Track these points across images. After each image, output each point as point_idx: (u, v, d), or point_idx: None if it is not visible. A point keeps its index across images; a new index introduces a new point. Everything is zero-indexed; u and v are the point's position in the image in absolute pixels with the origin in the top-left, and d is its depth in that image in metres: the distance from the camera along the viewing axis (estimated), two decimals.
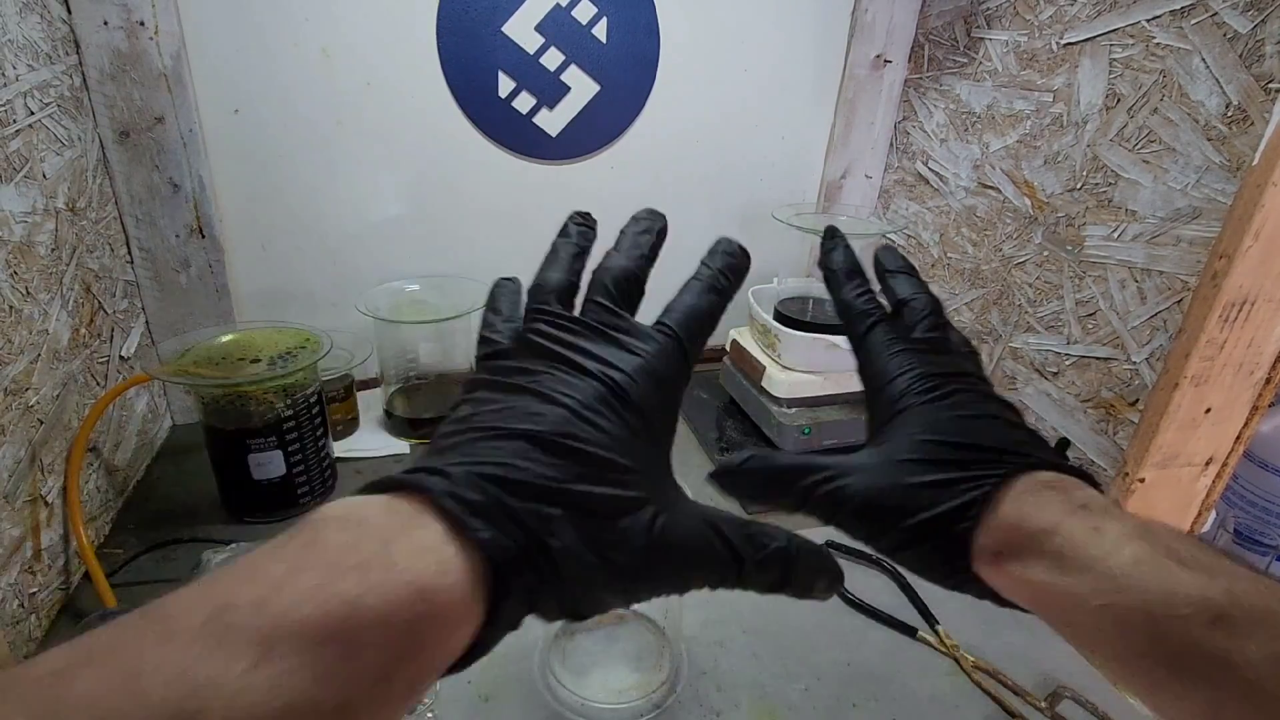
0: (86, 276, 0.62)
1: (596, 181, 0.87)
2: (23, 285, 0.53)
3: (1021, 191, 0.74)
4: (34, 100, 0.55)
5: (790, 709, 0.50)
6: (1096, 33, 0.64)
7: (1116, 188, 0.64)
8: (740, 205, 0.95)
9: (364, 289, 0.78)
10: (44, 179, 0.56)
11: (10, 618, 0.49)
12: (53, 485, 0.55)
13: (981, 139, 0.78)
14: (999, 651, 0.54)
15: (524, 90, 0.79)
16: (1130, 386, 0.65)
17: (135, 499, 0.68)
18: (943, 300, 0.86)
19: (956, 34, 0.81)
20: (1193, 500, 0.59)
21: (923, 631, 0.56)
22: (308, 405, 0.64)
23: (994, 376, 0.80)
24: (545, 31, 0.77)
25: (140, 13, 0.63)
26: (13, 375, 0.51)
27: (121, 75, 0.65)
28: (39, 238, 0.55)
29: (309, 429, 0.64)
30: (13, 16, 0.53)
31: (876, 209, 0.98)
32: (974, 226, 0.81)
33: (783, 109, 0.91)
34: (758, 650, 0.54)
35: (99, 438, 0.63)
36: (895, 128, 0.94)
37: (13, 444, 0.50)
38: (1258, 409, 0.55)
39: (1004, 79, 0.75)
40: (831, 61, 0.90)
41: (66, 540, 0.56)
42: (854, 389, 0.78)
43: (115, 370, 0.67)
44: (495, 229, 0.86)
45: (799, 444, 0.76)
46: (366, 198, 0.80)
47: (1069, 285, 0.70)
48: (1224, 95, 0.55)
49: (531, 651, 0.52)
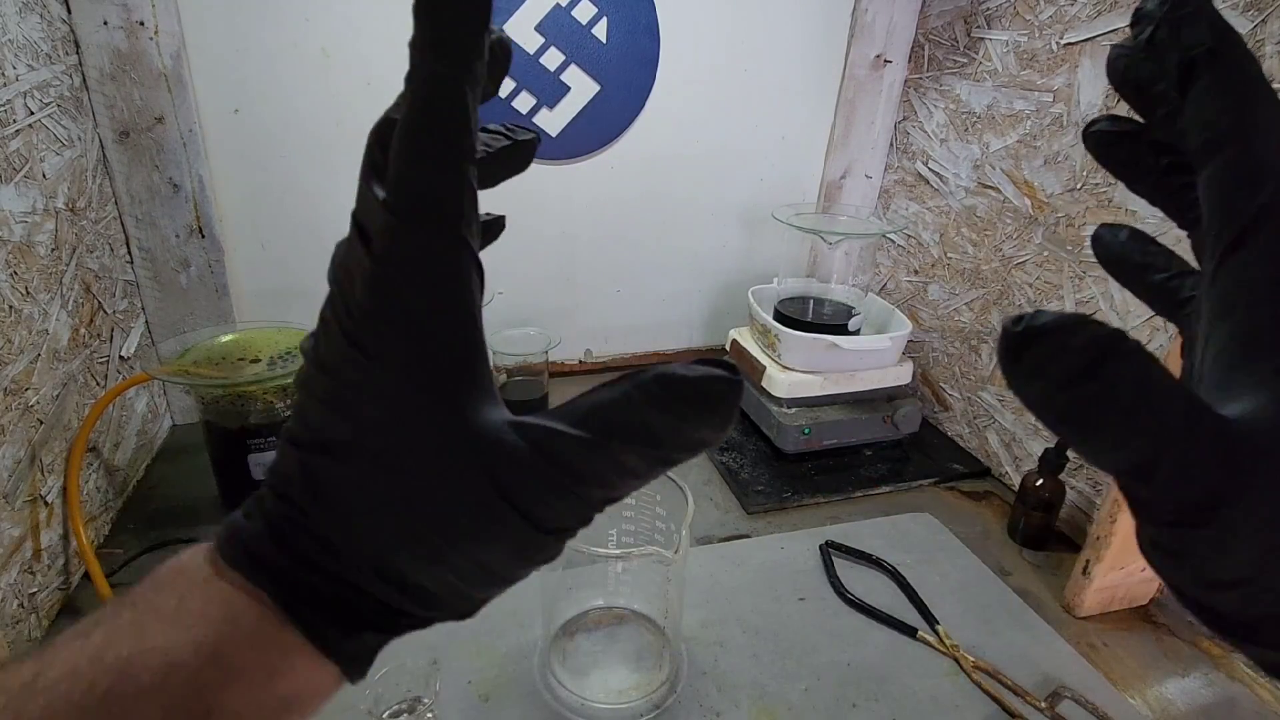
0: (86, 276, 0.62)
1: (596, 181, 0.87)
2: (23, 285, 0.53)
3: (1021, 191, 0.74)
4: (34, 100, 0.55)
5: (790, 709, 0.50)
6: (1096, 33, 0.64)
7: (1116, 188, 0.64)
8: (740, 205, 0.95)
9: None
10: (44, 179, 0.56)
11: (10, 618, 0.49)
12: (53, 485, 0.55)
13: (981, 139, 0.78)
14: (999, 651, 0.54)
15: (524, 90, 0.79)
16: None
17: (135, 499, 0.68)
18: (943, 300, 0.87)
19: (956, 34, 0.81)
20: None
21: (923, 631, 0.56)
22: None
23: (994, 377, 0.80)
24: (545, 31, 0.77)
25: (140, 13, 0.63)
26: (13, 375, 0.51)
27: (121, 75, 0.65)
28: (39, 238, 0.55)
29: None
30: (13, 16, 0.53)
31: (876, 209, 0.98)
32: (974, 226, 0.81)
33: (783, 109, 0.91)
34: (758, 650, 0.54)
35: (99, 438, 0.63)
36: (895, 128, 0.94)
37: (13, 444, 0.50)
38: None
39: (1004, 79, 0.75)
40: (831, 61, 0.90)
41: (66, 540, 0.56)
42: (854, 389, 0.78)
43: (115, 370, 0.67)
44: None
45: (799, 444, 0.76)
46: None
47: (1069, 285, 0.70)
48: None
49: (531, 651, 0.52)
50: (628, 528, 0.52)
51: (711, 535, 0.67)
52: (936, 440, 0.86)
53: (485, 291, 0.18)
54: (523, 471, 0.16)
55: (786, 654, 0.54)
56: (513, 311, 0.89)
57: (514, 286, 0.89)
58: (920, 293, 0.91)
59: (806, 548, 0.65)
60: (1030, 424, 0.75)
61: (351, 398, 0.17)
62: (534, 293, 0.91)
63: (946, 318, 0.86)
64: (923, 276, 0.90)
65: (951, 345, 0.86)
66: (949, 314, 0.86)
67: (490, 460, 0.16)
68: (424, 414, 0.17)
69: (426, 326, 0.17)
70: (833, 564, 0.63)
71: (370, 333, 0.17)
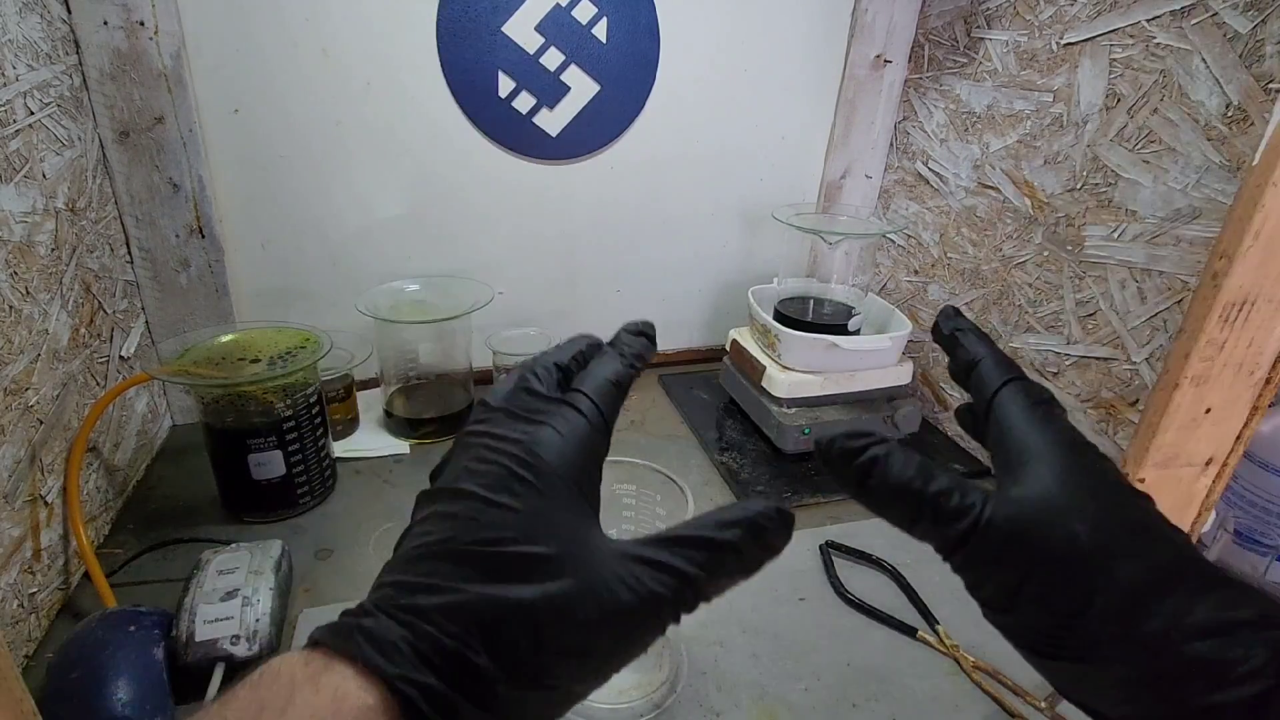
0: (86, 276, 0.62)
1: (596, 181, 0.87)
2: (23, 285, 0.53)
3: (1021, 191, 0.74)
4: (34, 100, 0.55)
5: (790, 709, 0.50)
6: (1096, 33, 0.64)
7: (1116, 188, 0.64)
8: (740, 205, 0.95)
9: (364, 289, 0.78)
10: (44, 179, 0.56)
11: (10, 618, 0.49)
12: (53, 485, 0.55)
13: (981, 139, 0.78)
14: (999, 651, 0.54)
15: (524, 90, 0.79)
16: (1130, 387, 0.65)
17: (135, 499, 0.68)
18: (943, 300, 0.87)
19: (956, 34, 0.81)
20: (1193, 500, 0.59)
21: (923, 631, 0.56)
22: (307, 405, 0.64)
23: None
24: (545, 31, 0.77)
25: (140, 13, 0.63)
26: (13, 375, 0.51)
27: (121, 75, 0.65)
28: (39, 238, 0.55)
29: (309, 429, 0.64)
30: (13, 16, 0.53)
31: (876, 209, 0.98)
32: (974, 226, 0.81)
33: (783, 109, 0.91)
34: (758, 650, 0.54)
35: (99, 438, 0.63)
36: (895, 128, 0.94)
37: (13, 444, 0.50)
38: (1258, 409, 0.55)
39: (1004, 79, 0.75)
40: (831, 61, 0.90)
41: (66, 540, 0.56)
42: (854, 389, 0.78)
43: (115, 370, 0.67)
44: (495, 229, 0.86)
45: (799, 444, 0.76)
46: (366, 198, 0.80)
47: (1069, 285, 0.70)
48: (1224, 95, 0.55)
49: None
50: (627, 528, 0.52)
51: None
52: (936, 440, 0.86)
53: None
54: (679, 608, 0.24)
55: (786, 654, 0.54)
56: (513, 311, 0.89)
57: (514, 286, 0.89)
58: (920, 293, 0.91)
59: (806, 548, 0.65)
60: None
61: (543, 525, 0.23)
62: (534, 293, 0.91)
63: None
64: (923, 276, 0.90)
65: None
66: None
67: (657, 600, 0.23)
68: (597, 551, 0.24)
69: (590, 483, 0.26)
70: (833, 564, 0.63)
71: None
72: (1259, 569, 0.65)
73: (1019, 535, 0.24)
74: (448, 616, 0.21)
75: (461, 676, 0.21)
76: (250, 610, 0.49)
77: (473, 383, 0.84)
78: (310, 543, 0.63)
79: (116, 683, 0.43)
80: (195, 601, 0.49)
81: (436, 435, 0.79)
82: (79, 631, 0.46)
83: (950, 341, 0.32)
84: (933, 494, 0.25)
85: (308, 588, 0.58)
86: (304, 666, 0.20)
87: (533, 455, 0.24)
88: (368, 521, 0.67)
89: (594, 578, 0.22)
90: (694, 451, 0.81)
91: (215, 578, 0.51)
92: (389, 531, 0.66)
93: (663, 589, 0.23)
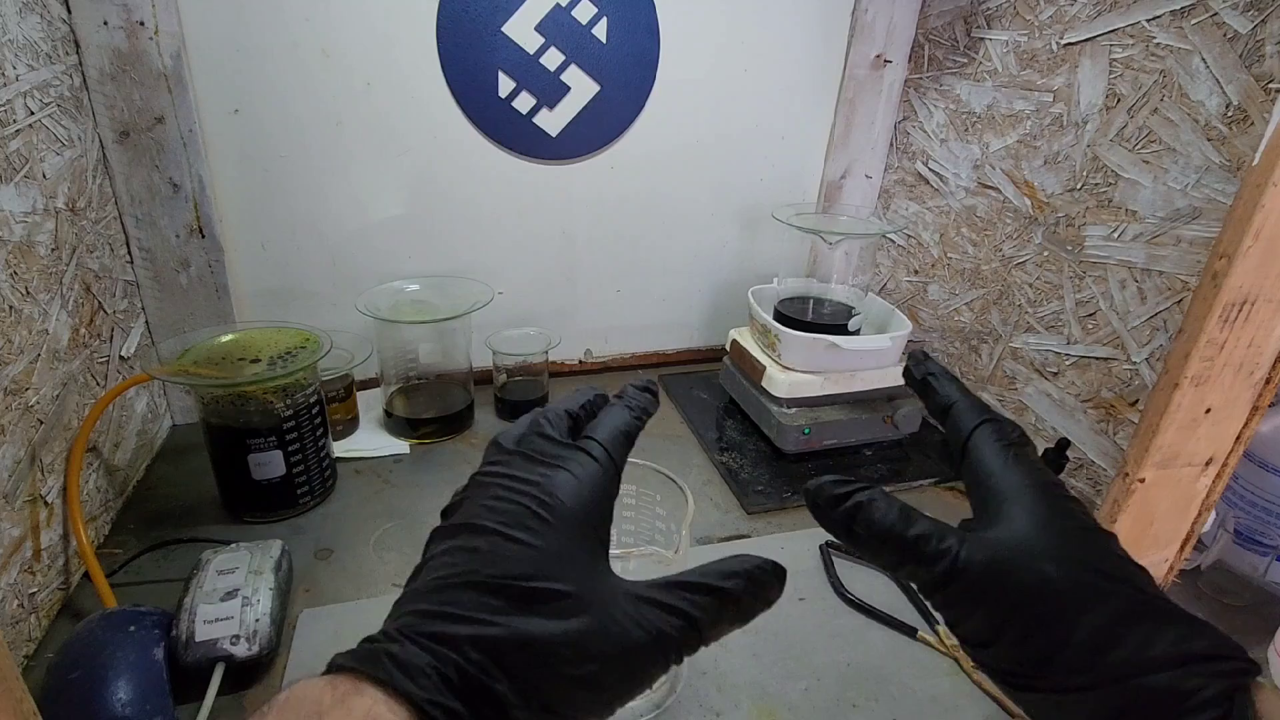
0: (86, 276, 0.62)
1: (596, 181, 0.87)
2: (23, 285, 0.53)
3: (1021, 191, 0.74)
4: (34, 100, 0.55)
5: (790, 709, 0.50)
6: (1096, 33, 0.64)
7: (1116, 188, 0.64)
8: (740, 205, 0.95)
9: (364, 289, 0.78)
10: (44, 179, 0.56)
11: (10, 618, 0.49)
12: (53, 485, 0.55)
13: (981, 139, 0.78)
14: None
15: (524, 90, 0.79)
16: (1130, 386, 0.65)
17: (135, 499, 0.68)
18: (943, 300, 0.87)
19: (956, 34, 0.81)
20: (1193, 500, 0.59)
21: (923, 631, 0.56)
22: (308, 405, 0.64)
23: (994, 377, 0.80)
24: (545, 31, 0.77)
25: (140, 13, 0.63)
26: (13, 375, 0.51)
27: (121, 75, 0.65)
28: (39, 238, 0.55)
29: (309, 429, 0.64)
30: (13, 16, 0.53)
31: (876, 209, 0.98)
32: (974, 226, 0.81)
33: (783, 109, 0.91)
34: (758, 650, 0.54)
35: (99, 438, 0.63)
36: (895, 128, 0.94)
37: (13, 444, 0.50)
38: (1258, 409, 0.55)
39: (1004, 79, 0.75)
40: (831, 61, 0.90)
41: (66, 540, 0.56)
42: (854, 389, 0.78)
43: (115, 370, 0.67)
44: (495, 229, 0.86)
45: (799, 444, 0.76)
46: (366, 198, 0.80)
47: (1069, 285, 0.70)
48: (1224, 95, 0.55)
49: None
50: (628, 528, 0.52)
51: (711, 535, 0.67)
52: (936, 440, 0.86)
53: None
54: (684, 648, 0.25)
55: (786, 654, 0.54)
56: (513, 311, 0.89)
57: (514, 286, 0.89)
58: (920, 293, 0.91)
59: (806, 548, 0.65)
60: (1029, 424, 0.75)
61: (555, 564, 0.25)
62: (534, 293, 0.91)
63: (946, 318, 0.86)
64: (923, 276, 0.90)
65: (951, 345, 0.86)
66: (949, 314, 0.86)
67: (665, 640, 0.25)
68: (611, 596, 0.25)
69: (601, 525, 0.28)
70: (833, 564, 0.63)
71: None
72: (1259, 569, 0.64)
73: (994, 577, 0.26)
74: (473, 645, 0.22)
75: (482, 703, 0.22)
76: (250, 610, 0.49)
77: (473, 382, 0.84)
78: (310, 543, 0.63)
79: (116, 683, 0.43)
80: (195, 601, 0.49)
81: (436, 435, 0.79)
82: (79, 631, 0.46)
83: (923, 386, 0.35)
84: (913, 538, 0.26)
85: (308, 588, 0.58)
86: (331, 691, 0.21)
87: (550, 496, 0.26)
88: (368, 521, 0.67)
89: (608, 616, 0.24)
90: (694, 451, 0.81)
91: (215, 578, 0.51)
92: (389, 531, 0.66)
93: (671, 630, 0.25)
